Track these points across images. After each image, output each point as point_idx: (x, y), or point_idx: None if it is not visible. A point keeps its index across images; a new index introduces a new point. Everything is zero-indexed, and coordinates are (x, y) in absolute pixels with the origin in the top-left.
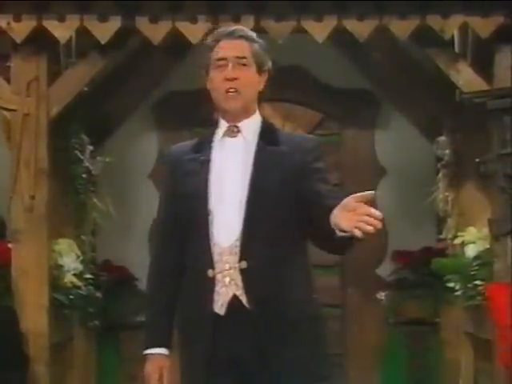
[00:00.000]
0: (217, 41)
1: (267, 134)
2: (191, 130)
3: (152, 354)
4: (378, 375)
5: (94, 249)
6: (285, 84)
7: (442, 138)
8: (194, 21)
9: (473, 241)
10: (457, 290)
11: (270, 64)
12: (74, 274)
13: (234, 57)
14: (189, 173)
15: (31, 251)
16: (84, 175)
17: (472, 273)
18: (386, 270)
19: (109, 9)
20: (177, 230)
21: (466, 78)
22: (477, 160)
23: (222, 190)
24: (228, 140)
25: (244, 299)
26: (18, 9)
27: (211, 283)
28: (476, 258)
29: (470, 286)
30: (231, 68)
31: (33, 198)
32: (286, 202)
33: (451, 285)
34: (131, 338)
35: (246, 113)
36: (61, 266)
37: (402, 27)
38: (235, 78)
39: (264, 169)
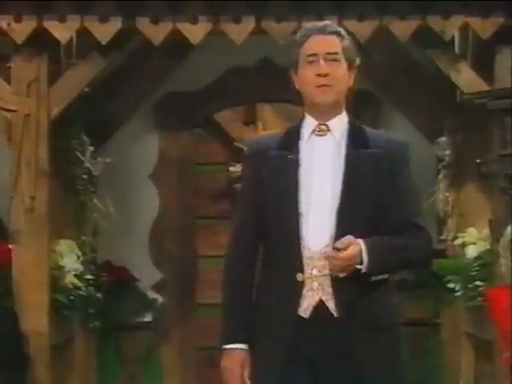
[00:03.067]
0: (307, 36)
1: (356, 134)
2: (192, 131)
3: (232, 348)
4: None
5: (94, 249)
6: (285, 85)
7: (443, 139)
8: (194, 21)
9: (473, 242)
10: (457, 291)
11: (358, 61)
12: (75, 275)
13: (326, 52)
14: (277, 171)
15: (32, 252)
16: (85, 176)
17: (472, 273)
18: None
19: (109, 9)
20: (257, 228)
21: (466, 78)
22: (477, 161)
23: (311, 192)
24: (317, 139)
25: (330, 305)
26: (19, 9)
27: (299, 287)
28: (476, 258)
29: (470, 286)
30: (323, 63)
31: (33, 198)
32: (376, 207)
33: (451, 285)
34: (132, 339)
35: (336, 109)
36: (61, 267)
37: (402, 28)
38: (327, 74)
39: (355, 172)
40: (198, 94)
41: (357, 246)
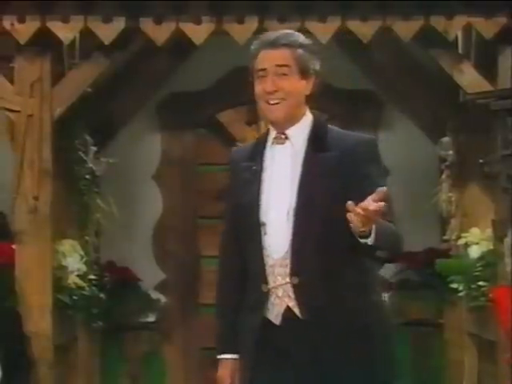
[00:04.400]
0: (259, 49)
1: (317, 139)
2: (194, 131)
3: (226, 358)
4: None
5: (97, 250)
6: None
7: (446, 139)
8: (197, 22)
9: (476, 242)
10: (460, 291)
11: (317, 65)
12: (78, 275)
13: (275, 66)
14: (244, 183)
15: (35, 252)
16: (87, 176)
17: (475, 274)
18: (389, 270)
19: (112, 10)
20: (237, 239)
21: (469, 78)
22: (480, 161)
23: (270, 201)
24: (277, 148)
25: (297, 310)
26: (22, 10)
27: (265, 296)
28: (479, 258)
29: (473, 286)
30: (270, 80)
31: (36, 198)
32: (336, 211)
33: (455, 286)
34: (135, 339)
35: (293, 119)
36: (64, 267)
37: (405, 28)
38: (275, 91)
39: (312, 178)
40: (200, 95)
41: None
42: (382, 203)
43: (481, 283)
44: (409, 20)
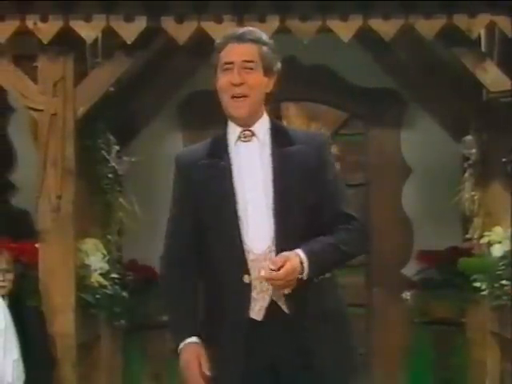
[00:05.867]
0: (225, 43)
1: (279, 135)
2: (216, 130)
3: (189, 343)
4: (403, 375)
5: (120, 248)
6: (310, 84)
7: (469, 138)
8: (219, 21)
9: (499, 240)
10: (483, 290)
11: (278, 65)
12: (101, 274)
13: (241, 61)
14: (210, 179)
15: (58, 251)
16: (110, 175)
17: (498, 272)
18: (411, 269)
19: (134, 9)
20: (191, 233)
21: (492, 77)
22: (503, 159)
23: (245, 196)
24: (243, 145)
25: (282, 303)
26: (45, 9)
27: (247, 289)
28: (502, 257)
29: (496, 285)
30: (237, 73)
31: (59, 197)
32: (310, 200)
33: (477, 284)
34: (157, 338)
35: (255, 116)
36: (87, 266)
37: (428, 27)
38: (241, 83)
39: (283, 170)
40: None
41: (295, 259)
42: (281, 272)
43: (504, 282)
44: (431, 18)
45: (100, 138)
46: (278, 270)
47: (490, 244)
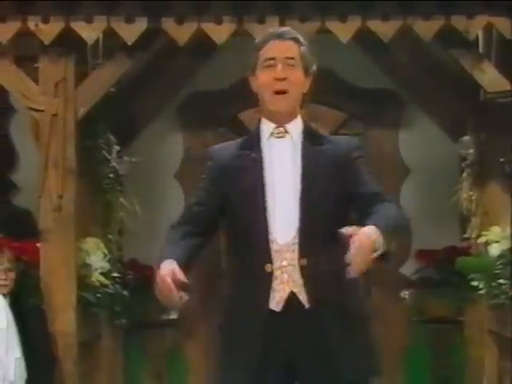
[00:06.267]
0: (266, 41)
1: (311, 135)
2: (216, 130)
3: (164, 263)
4: (402, 373)
5: (120, 248)
6: (311, 85)
7: (466, 138)
8: (219, 22)
9: (497, 240)
10: (481, 289)
11: (314, 67)
12: (102, 273)
13: (284, 57)
14: (241, 169)
15: (59, 250)
16: (111, 175)
17: (496, 271)
18: (409, 268)
19: (135, 10)
20: (206, 215)
21: (490, 77)
22: (501, 159)
23: (274, 189)
24: (275, 141)
25: (302, 296)
26: (46, 10)
27: (269, 279)
28: (500, 256)
29: (493, 284)
30: (281, 68)
31: (61, 197)
32: (337, 196)
33: (475, 283)
34: (157, 336)
35: (292, 114)
36: (88, 265)
37: (426, 27)
38: (284, 78)
39: (313, 167)
40: (222, 94)
41: (369, 230)
42: (357, 241)
43: (501, 281)
44: (429, 20)
45: (101, 139)
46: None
47: (487, 243)
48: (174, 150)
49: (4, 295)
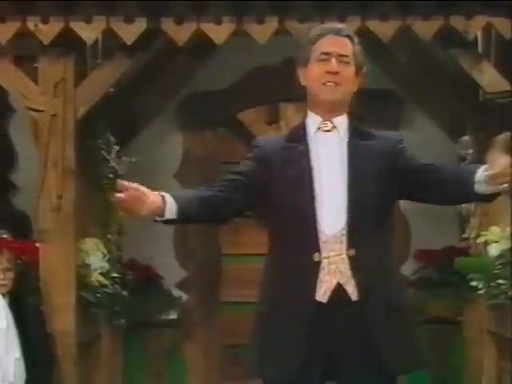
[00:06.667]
0: (322, 35)
1: (358, 130)
2: (215, 130)
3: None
4: None
5: (120, 248)
6: None
7: (466, 138)
8: (218, 22)
9: (496, 240)
10: (480, 289)
11: (365, 69)
12: (101, 273)
13: (338, 53)
14: (288, 160)
15: (58, 250)
16: (110, 175)
17: (495, 272)
18: (409, 268)
19: (134, 10)
20: (238, 193)
21: (489, 78)
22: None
23: (322, 180)
24: (322, 134)
25: (349, 288)
26: (46, 11)
27: (316, 268)
28: (499, 256)
29: (493, 284)
30: (335, 62)
31: (60, 197)
32: (383, 188)
33: (474, 283)
34: (157, 337)
35: (340, 108)
36: (88, 265)
37: (425, 28)
38: (338, 72)
39: (359, 159)
40: (221, 94)
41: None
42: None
43: (500, 281)
44: (429, 20)
45: (100, 139)
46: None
47: (486, 243)
48: (173, 150)
49: (3, 295)
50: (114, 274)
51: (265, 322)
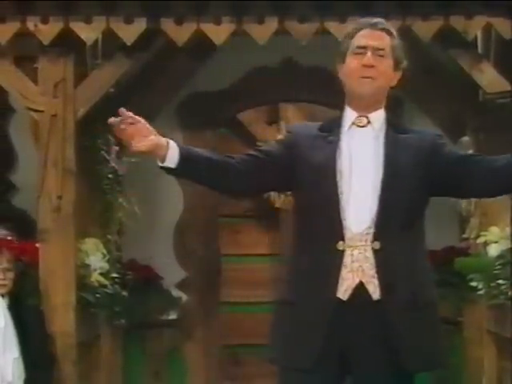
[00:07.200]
0: (359, 29)
1: (394, 125)
2: (215, 131)
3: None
4: None
5: (119, 248)
6: (308, 85)
7: (465, 138)
8: (218, 22)
9: (495, 240)
10: (480, 289)
11: (405, 63)
12: (101, 273)
13: (374, 47)
14: (315, 148)
15: (58, 251)
16: (110, 175)
17: (495, 272)
18: None
19: (134, 10)
20: (267, 169)
21: (489, 78)
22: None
23: (352, 176)
24: (356, 129)
25: (371, 287)
26: (45, 11)
27: (340, 259)
28: (499, 257)
29: (492, 285)
30: (370, 56)
31: (60, 198)
32: (418, 186)
33: (474, 284)
34: (157, 337)
35: (376, 103)
36: (87, 265)
37: (425, 28)
38: (372, 66)
39: (396, 154)
40: (221, 94)
41: None
42: None
43: (500, 281)
44: (428, 20)
45: (100, 139)
46: None
47: (486, 244)
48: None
49: (3, 295)
50: (114, 275)
51: (286, 311)
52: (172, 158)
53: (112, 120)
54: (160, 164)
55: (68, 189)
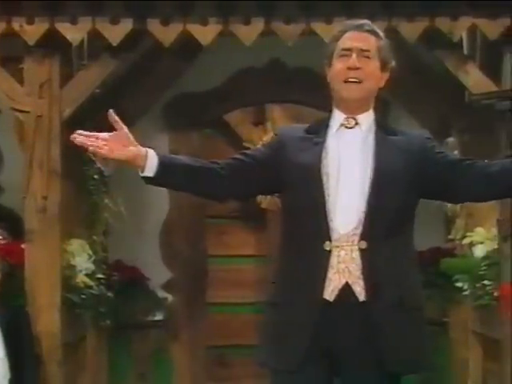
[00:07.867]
0: (344, 32)
1: (383, 127)
2: (202, 132)
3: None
4: None
5: (105, 249)
6: (294, 86)
7: (451, 139)
8: (204, 23)
9: (481, 241)
10: (465, 290)
11: (393, 63)
12: (86, 274)
13: (359, 49)
14: (302, 149)
15: (44, 251)
16: (96, 176)
17: (480, 273)
18: None
19: (120, 11)
20: (250, 175)
21: (474, 79)
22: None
23: (339, 178)
24: (345, 131)
25: (357, 288)
26: (31, 11)
27: (326, 260)
28: (484, 258)
29: (478, 285)
30: (355, 58)
31: (45, 198)
32: (407, 188)
33: (460, 285)
34: (142, 338)
35: (364, 105)
36: (73, 266)
37: (410, 29)
38: (358, 68)
39: (385, 155)
40: (207, 95)
41: None
42: None
43: (486, 282)
44: (414, 21)
45: None
46: None
47: (472, 244)
48: (159, 151)
49: None
50: (100, 275)
51: (272, 312)
52: (150, 168)
53: (75, 139)
54: (140, 174)
55: (53, 189)
